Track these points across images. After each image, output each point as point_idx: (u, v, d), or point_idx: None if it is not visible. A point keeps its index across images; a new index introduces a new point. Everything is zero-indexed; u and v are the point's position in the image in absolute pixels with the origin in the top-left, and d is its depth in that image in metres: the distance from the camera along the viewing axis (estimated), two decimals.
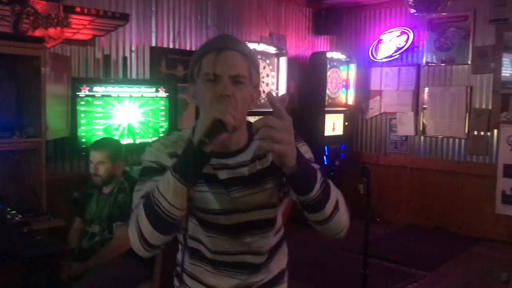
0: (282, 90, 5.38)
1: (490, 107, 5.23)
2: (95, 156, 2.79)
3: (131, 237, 1.19)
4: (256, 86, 1.31)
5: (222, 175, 1.29)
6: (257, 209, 1.31)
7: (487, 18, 5.20)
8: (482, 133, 5.30)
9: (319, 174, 1.17)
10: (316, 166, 1.24)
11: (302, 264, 4.08)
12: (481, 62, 5.27)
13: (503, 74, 5.12)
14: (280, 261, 1.46)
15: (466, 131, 5.39)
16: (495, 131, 5.18)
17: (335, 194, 1.21)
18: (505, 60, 5.11)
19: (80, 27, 3.74)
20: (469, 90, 5.37)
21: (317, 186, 1.15)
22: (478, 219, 5.29)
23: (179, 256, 1.45)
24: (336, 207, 1.20)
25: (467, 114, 5.38)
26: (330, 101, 5.82)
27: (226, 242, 1.32)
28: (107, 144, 2.91)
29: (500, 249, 4.84)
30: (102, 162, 2.77)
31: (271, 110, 1.07)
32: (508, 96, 5.16)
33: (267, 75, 5.27)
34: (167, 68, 4.58)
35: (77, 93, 3.71)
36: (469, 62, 5.36)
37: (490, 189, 5.16)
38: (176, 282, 1.48)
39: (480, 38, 5.28)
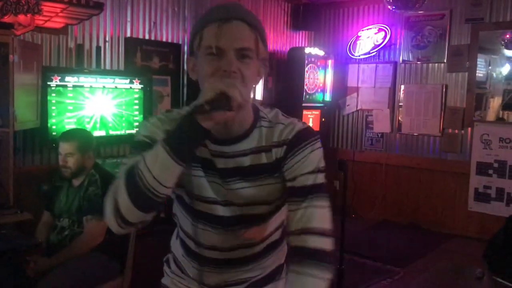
0: (258, 84, 5.34)
1: (464, 106, 5.29)
2: (64, 147, 2.69)
3: (106, 209, 1.08)
4: (263, 59, 1.18)
5: (219, 163, 1.18)
6: (253, 204, 1.21)
7: (463, 17, 5.25)
8: (456, 131, 5.35)
9: None
10: (321, 181, 1.19)
11: None
12: (457, 61, 5.32)
13: (477, 74, 5.19)
14: (277, 258, 1.37)
15: (441, 129, 5.45)
16: (469, 129, 5.24)
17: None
18: (480, 60, 5.18)
19: (52, 14, 3.61)
20: (444, 88, 5.42)
21: None
22: (451, 216, 5.36)
23: (172, 243, 1.37)
24: None
25: (442, 112, 5.44)
26: (307, 96, 5.80)
27: (219, 236, 1.23)
28: (77, 135, 2.82)
29: (472, 245, 4.89)
30: (71, 153, 2.67)
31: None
32: (482, 95, 5.24)
33: None
34: (142, 59, 4.49)
35: (48, 83, 3.61)
36: (445, 61, 5.41)
37: (463, 186, 5.23)
38: (165, 268, 1.41)
39: (455, 37, 5.34)
